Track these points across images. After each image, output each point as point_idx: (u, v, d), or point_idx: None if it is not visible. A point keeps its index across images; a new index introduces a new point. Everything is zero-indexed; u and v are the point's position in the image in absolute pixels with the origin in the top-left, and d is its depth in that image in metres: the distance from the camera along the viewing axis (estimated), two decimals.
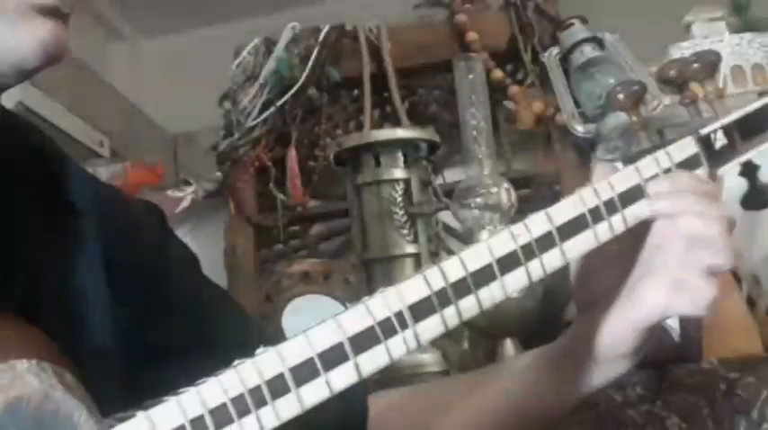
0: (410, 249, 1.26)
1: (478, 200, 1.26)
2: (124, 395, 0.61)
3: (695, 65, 0.69)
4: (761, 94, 0.70)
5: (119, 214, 0.74)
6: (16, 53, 0.58)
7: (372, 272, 1.28)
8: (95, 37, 2.77)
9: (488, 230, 1.24)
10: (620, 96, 0.70)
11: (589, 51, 1.48)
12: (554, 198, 1.69)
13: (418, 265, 1.25)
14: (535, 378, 0.73)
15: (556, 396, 0.73)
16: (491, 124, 1.34)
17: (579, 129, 1.46)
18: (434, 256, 1.30)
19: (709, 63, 0.69)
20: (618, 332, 0.66)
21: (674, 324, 1.05)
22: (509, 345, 1.22)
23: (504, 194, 1.27)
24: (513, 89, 1.54)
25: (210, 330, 0.76)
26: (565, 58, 1.51)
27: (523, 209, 1.42)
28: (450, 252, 1.50)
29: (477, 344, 1.28)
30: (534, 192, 1.54)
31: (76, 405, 0.52)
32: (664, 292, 0.63)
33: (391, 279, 1.25)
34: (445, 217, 1.44)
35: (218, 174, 1.61)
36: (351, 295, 1.42)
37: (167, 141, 2.16)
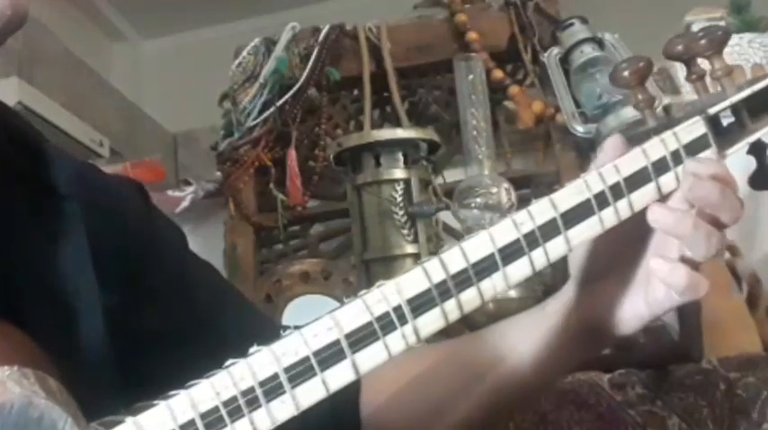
0: (410, 249, 1.26)
1: (478, 200, 1.26)
2: (117, 387, 0.59)
3: (702, 40, 0.64)
4: (751, 81, 0.67)
5: (102, 195, 0.72)
6: None
7: (372, 272, 1.27)
8: (95, 37, 2.78)
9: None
10: (626, 74, 0.67)
11: (589, 51, 1.48)
12: None
13: None
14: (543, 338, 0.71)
15: (556, 360, 0.72)
16: (491, 124, 1.34)
17: (579, 129, 1.46)
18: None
19: (717, 38, 0.64)
20: (626, 320, 0.67)
21: (674, 324, 1.05)
22: None
23: (504, 194, 1.26)
24: (513, 89, 1.54)
25: (202, 310, 0.74)
26: (565, 58, 1.50)
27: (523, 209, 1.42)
28: None
29: None
30: (534, 192, 1.54)
31: (60, 412, 0.51)
32: (663, 289, 0.63)
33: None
34: (445, 217, 1.43)
35: (218, 174, 1.61)
36: (351, 295, 1.41)
37: (167, 141, 2.16)
